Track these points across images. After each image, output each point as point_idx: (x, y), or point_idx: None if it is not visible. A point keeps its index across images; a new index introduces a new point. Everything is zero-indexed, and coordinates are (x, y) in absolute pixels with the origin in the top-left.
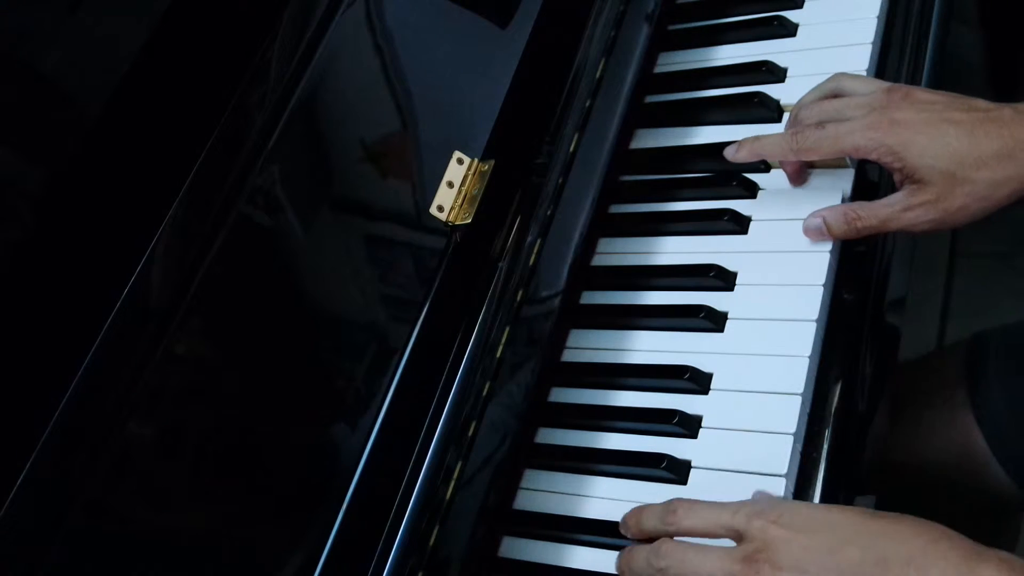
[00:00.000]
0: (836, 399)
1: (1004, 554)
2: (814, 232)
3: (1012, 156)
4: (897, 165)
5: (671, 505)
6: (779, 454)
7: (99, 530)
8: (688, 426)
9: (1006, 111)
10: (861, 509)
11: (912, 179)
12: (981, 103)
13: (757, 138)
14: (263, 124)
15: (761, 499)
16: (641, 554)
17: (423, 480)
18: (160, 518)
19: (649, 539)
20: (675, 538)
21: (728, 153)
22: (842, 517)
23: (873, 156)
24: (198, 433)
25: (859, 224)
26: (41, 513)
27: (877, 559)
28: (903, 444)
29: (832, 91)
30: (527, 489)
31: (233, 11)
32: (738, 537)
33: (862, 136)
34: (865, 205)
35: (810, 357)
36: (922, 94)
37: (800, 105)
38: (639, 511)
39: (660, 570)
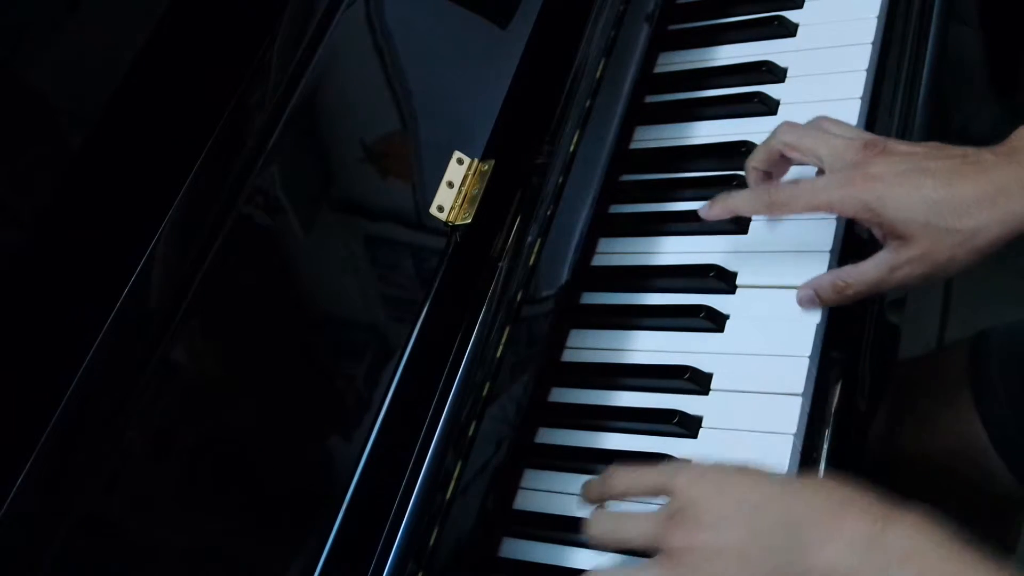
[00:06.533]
0: (836, 399)
1: (918, 516)
2: (807, 303)
3: (993, 201)
4: (876, 221)
5: (609, 471)
6: (779, 454)
7: (99, 531)
8: (688, 426)
9: (985, 155)
10: (783, 475)
11: (893, 235)
12: (959, 149)
13: (730, 194)
14: (263, 124)
15: (687, 460)
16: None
17: (423, 481)
18: (159, 519)
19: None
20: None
21: (702, 212)
22: (763, 481)
23: (849, 213)
24: (198, 434)
25: (849, 292)
26: (41, 513)
27: (789, 522)
28: (905, 443)
29: (817, 126)
30: (527, 489)
31: (233, 11)
32: (666, 494)
33: (837, 193)
34: (854, 271)
35: (810, 357)
36: (900, 146)
37: (780, 130)
38: (589, 482)
39: (594, 537)
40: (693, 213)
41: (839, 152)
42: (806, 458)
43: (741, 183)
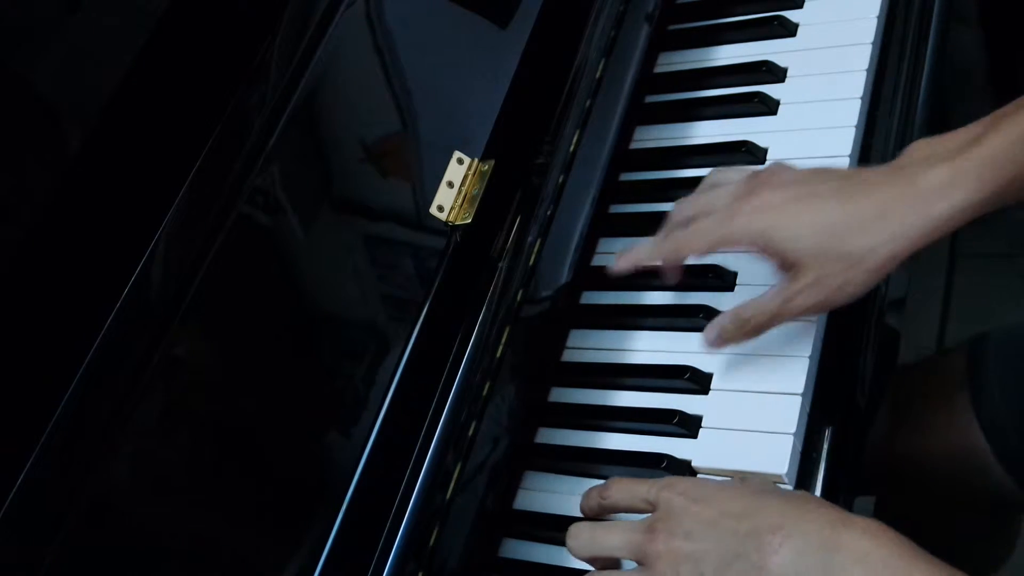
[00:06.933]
0: (836, 399)
1: (871, 521)
2: (713, 342)
3: (878, 221)
4: (768, 251)
5: (608, 482)
6: (779, 454)
7: (99, 531)
8: (688, 426)
9: (871, 174)
10: (758, 487)
11: (785, 263)
12: (845, 171)
13: (633, 247)
14: (263, 124)
15: (672, 476)
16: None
17: (423, 481)
18: (159, 519)
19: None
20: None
21: (611, 271)
22: (735, 492)
23: (744, 245)
24: (197, 434)
25: (751, 324)
26: (41, 513)
27: (750, 529)
28: (904, 445)
29: (710, 187)
30: (527, 489)
31: (233, 11)
32: (653, 509)
33: (727, 227)
34: (753, 304)
35: (810, 357)
36: (786, 173)
37: (675, 210)
38: (588, 491)
39: (573, 549)
40: None
41: (731, 195)
42: (806, 458)
43: None
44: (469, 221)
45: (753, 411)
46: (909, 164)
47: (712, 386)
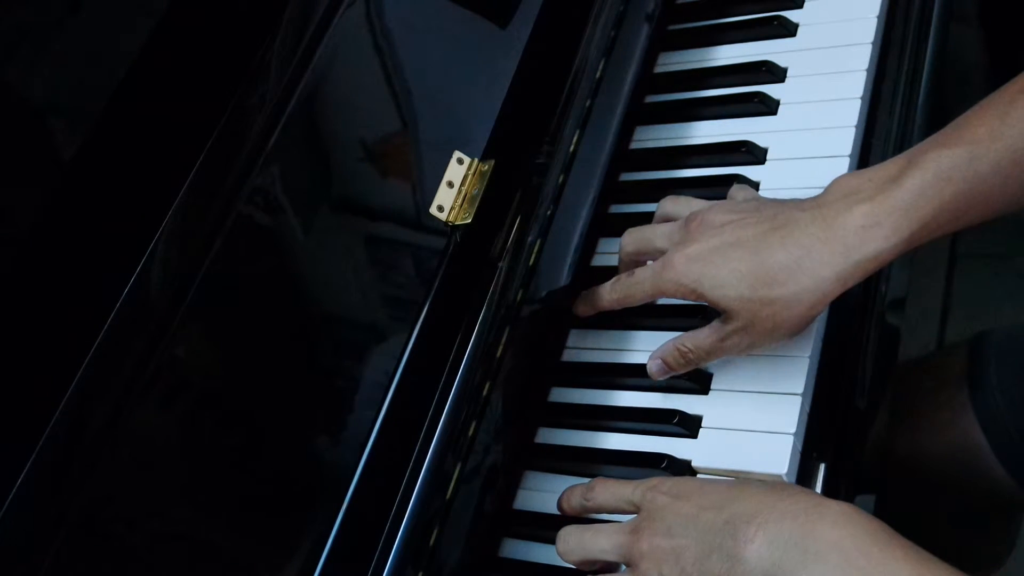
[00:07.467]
0: (836, 399)
1: (845, 506)
2: (658, 372)
3: (799, 266)
4: (702, 300)
5: (592, 483)
6: (779, 454)
7: (99, 531)
8: (688, 426)
9: (795, 213)
10: (737, 480)
11: (718, 309)
12: (773, 209)
13: (591, 292)
14: (263, 124)
15: (658, 476)
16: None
17: (423, 481)
18: (158, 519)
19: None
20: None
21: (576, 311)
22: (715, 486)
23: (678, 297)
24: (197, 434)
25: (691, 356)
26: (41, 513)
27: (727, 520)
28: (904, 444)
29: (662, 217)
30: (527, 489)
31: (233, 11)
32: (638, 510)
33: (660, 279)
34: (693, 337)
35: (810, 357)
36: (717, 215)
37: (623, 241)
38: (569, 491)
39: (563, 553)
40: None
41: (669, 239)
42: (806, 458)
43: (741, 183)
44: (469, 221)
45: (753, 411)
46: (832, 202)
47: (712, 386)
